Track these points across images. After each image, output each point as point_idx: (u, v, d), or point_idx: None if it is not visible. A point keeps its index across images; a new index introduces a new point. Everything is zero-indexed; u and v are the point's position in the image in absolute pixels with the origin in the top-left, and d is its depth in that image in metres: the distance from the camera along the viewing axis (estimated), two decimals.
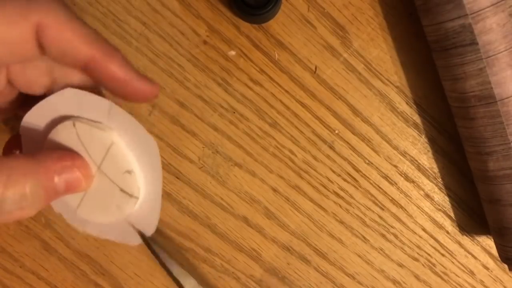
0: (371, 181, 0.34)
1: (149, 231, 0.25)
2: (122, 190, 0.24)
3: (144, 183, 0.24)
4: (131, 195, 0.24)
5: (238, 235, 0.34)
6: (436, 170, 0.34)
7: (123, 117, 0.23)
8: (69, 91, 0.22)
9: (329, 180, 0.34)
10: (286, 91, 0.33)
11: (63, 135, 0.23)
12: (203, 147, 0.33)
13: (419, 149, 0.34)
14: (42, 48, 0.21)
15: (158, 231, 0.33)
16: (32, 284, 0.33)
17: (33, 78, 0.23)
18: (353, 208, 0.34)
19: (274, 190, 0.34)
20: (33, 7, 0.19)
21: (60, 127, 0.23)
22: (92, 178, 0.23)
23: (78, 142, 0.23)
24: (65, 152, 0.22)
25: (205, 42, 0.32)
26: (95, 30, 0.22)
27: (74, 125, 0.23)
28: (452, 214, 0.35)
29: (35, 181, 0.20)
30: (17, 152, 0.25)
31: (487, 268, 0.35)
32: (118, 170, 0.23)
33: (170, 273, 0.28)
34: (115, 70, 0.21)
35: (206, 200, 0.33)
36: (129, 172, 0.23)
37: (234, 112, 0.33)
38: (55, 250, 0.33)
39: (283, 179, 0.34)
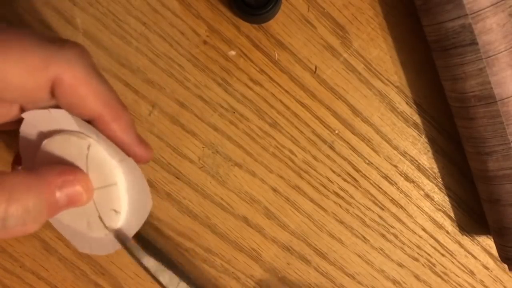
0: (371, 181, 0.34)
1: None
2: (100, 218, 0.24)
3: (123, 222, 0.24)
4: (106, 227, 0.24)
5: (238, 235, 0.34)
6: (436, 170, 0.34)
7: (131, 165, 0.23)
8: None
9: (329, 180, 0.34)
10: (286, 91, 0.33)
11: (71, 148, 0.23)
12: (203, 147, 0.33)
13: (419, 149, 0.34)
14: (54, 96, 0.21)
15: (158, 231, 0.33)
16: (32, 284, 0.33)
17: (45, 105, 0.23)
18: (353, 208, 0.34)
19: (274, 190, 0.34)
20: (54, 60, 0.20)
21: (73, 139, 0.23)
22: (92, 192, 0.23)
23: (84, 162, 0.23)
24: (67, 167, 0.22)
25: (205, 42, 0.32)
26: (110, 87, 0.22)
27: (88, 147, 0.23)
28: (452, 214, 0.35)
29: (37, 197, 0.20)
30: (19, 168, 0.24)
31: (487, 268, 0.35)
32: (108, 205, 0.24)
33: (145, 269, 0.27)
34: (118, 132, 0.22)
35: (206, 200, 0.33)
36: (115, 211, 0.24)
37: (234, 112, 0.33)
38: (55, 250, 0.33)
39: (283, 179, 0.34)
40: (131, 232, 0.24)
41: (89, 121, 0.23)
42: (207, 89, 0.32)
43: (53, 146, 0.23)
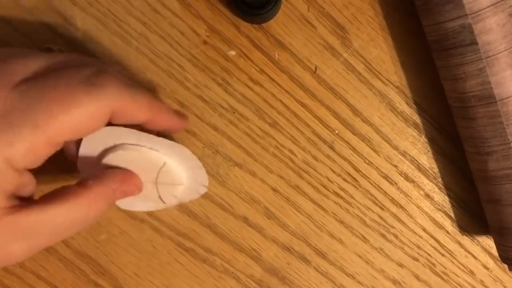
0: (371, 181, 0.34)
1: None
2: (160, 198, 0.29)
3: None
4: (164, 202, 0.29)
5: (238, 235, 0.34)
6: (436, 170, 0.34)
7: (164, 141, 0.27)
8: (112, 128, 0.26)
9: (329, 180, 0.34)
10: (286, 91, 0.33)
11: (119, 161, 0.27)
12: (203, 147, 0.33)
13: (419, 149, 0.34)
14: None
15: (158, 231, 0.33)
16: (32, 284, 0.33)
17: None
18: (353, 208, 0.34)
19: (274, 190, 0.34)
20: (111, 103, 0.23)
21: (148, 155, 0.27)
22: (142, 188, 0.28)
23: (155, 172, 0.28)
24: (126, 174, 0.27)
25: (205, 42, 0.32)
26: (144, 91, 0.25)
27: (164, 164, 0.27)
28: (452, 214, 0.35)
29: (107, 203, 0.25)
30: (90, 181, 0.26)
31: (487, 268, 0.35)
32: (169, 192, 0.29)
33: None
34: (164, 124, 0.27)
35: (206, 200, 0.33)
36: (174, 196, 0.29)
37: (234, 112, 0.33)
38: (55, 250, 0.33)
39: (283, 179, 0.34)
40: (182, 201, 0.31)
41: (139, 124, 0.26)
42: (207, 89, 0.32)
43: (121, 158, 0.27)
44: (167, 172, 0.28)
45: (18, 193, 0.22)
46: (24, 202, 0.23)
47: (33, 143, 0.21)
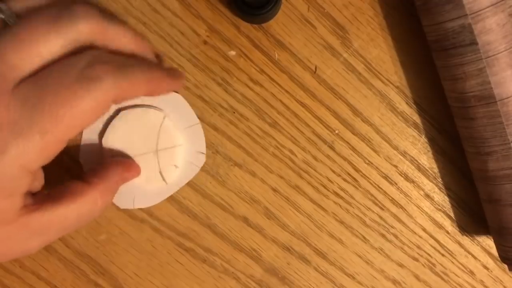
0: (371, 181, 0.34)
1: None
2: (160, 173, 0.31)
3: (179, 175, 0.32)
4: (164, 180, 0.31)
5: (238, 235, 0.34)
6: (436, 170, 0.34)
7: (195, 129, 0.31)
8: None
9: (329, 180, 0.34)
10: (286, 91, 0.33)
11: (121, 129, 0.29)
12: None
13: (419, 149, 0.34)
14: None
15: (158, 231, 0.33)
16: (32, 284, 0.33)
17: None
18: (353, 208, 0.34)
19: (274, 190, 0.34)
20: (110, 93, 0.23)
21: (150, 112, 0.29)
22: (140, 172, 0.31)
23: (157, 129, 0.30)
24: (126, 163, 0.30)
25: (205, 42, 0.32)
26: (141, 64, 0.25)
27: (163, 117, 0.29)
28: (452, 214, 0.35)
29: (112, 195, 0.28)
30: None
31: (487, 268, 0.35)
32: (170, 162, 0.31)
33: None
34: (163, 91, 0.27)
35: (206, 200, 0.33)
36: (176, 166, 0.31)
37: (234, 112, 0.33)
38: (55, 250, 0.33)
39: (283, 179, 0.34)
40: (183, 182, 0.32)
41: None
42: (207, 89, 0.32)
43: (127, 118, 0.29)
44: (167, 131, 0.30)
45: (30, 189, 0.24)
46: (34, 197, 0.24)
47: (44, 146, 0.22)
